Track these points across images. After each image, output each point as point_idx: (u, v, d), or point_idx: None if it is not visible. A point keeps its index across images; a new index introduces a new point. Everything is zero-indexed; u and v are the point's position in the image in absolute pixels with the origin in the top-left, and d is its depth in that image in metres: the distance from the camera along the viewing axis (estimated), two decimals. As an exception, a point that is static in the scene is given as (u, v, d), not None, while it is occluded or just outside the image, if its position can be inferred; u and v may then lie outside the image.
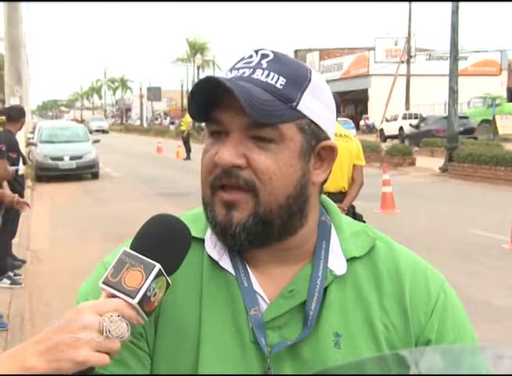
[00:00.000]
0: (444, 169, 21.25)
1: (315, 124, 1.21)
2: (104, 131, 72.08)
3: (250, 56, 1.22)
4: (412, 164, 24.32)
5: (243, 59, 1.23)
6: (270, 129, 1.16)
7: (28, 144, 22.27)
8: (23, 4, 21.74)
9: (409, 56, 46.08)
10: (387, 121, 43.09)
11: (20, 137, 15.94)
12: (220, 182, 1.18)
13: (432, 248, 9.91)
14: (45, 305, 7.54)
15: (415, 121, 39.66)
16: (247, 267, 1.24)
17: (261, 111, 1.13)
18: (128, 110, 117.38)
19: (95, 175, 22.06)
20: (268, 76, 1.18)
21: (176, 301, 1.19)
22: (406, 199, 15.09)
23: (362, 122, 54.73)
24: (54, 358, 1.01)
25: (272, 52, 1.22)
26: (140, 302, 1.06)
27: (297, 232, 1.23)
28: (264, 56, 1.21)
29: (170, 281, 1.10)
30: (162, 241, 1.12)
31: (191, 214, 1.28)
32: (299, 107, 1.18)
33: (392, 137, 40.02)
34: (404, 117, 41.06)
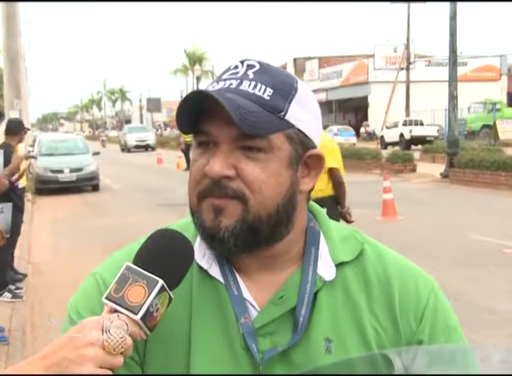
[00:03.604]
0: (445, 175, 21.25)
1: (303, 133, 1.22)
2: (148, 147, 50.87)
3: (236, 67, 1.23)
4: (413, 170, 24.33)
5: (229, 69, 1.24)
6: (259, 139, 1.18)
7: (28, 157, 22.26)
8: (22, 16, 21.76)
9: (409, 63, 46.21)
10: (387, 128, 43.12)
11: (20, 150, 16.03)
12: (209, 192, 1.20)
13: (434, 255, 9.93)
14: (46, 318, 7.54)
15: (416, 128, 39.78)
16: (236, 275, 1.25)
17: (250, 123, 1.15)
18: (128, 121, 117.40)
19: (95, 188, 22.05)
20: (255, 87, 1.19)
21: (166, 311, 1.19)
22: (408, 206, 15.09)
23: (362, 129, 54.75)
24: (58, 374, 1.02)
25: (258, 62, 1.23)
26: (143, 318, 1.07)
27: (283, 238, 1.24)
28: (250, 66, 1.22)
29: (172, 296, 1.11)
30: (165, 256, 1.13)
31: (179, 223, 1.29)
32: (287, 117, 1.20)
33: (393, 144, 40.03)
34: (404, 124, 41.08)
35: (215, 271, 1.25)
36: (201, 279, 1.24)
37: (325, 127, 43.75)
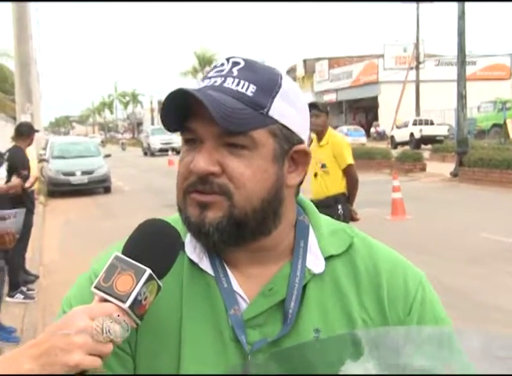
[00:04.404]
0: (454, 174, 21.19)
1: (288, 129, 1.23)
2: (174, 150, 43.98)
3: (222, 64, 1.24)
4: (423, 169, 24.27)
5: (215, 67, 1.25)
6: (242, 136, 1.19)
7: (40, 160, 22.41)
8: (32, 18, 21.85)
9: (418, 62, 46.07)
10: (397, 127, 43.01)
11: (31, 152, 16.10)
12: (194, 188, 1.21)
13: (443, 254, 9.92)
14: (57, 318, 7.58)
15: (426, 127, 39.67)
16: (227, 268, 1.26)
17: (231, 120, 1.16)
18: (140, 124, 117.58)
19: (107, 190, 22.10)
20: (238, 84, 1.20)
21: (157, 303, 1.20)
22: (417, 205, 15.06)
23: (372, 129, 54.59)
24: (48, 362, 1.03)
25: (243, 59, 1.24)
26: (131, 306, 1.07)
27: (271, 233, 1.25)
28: (235, 63, 1.23)
29: (161, 284, 1.12)
30: (153, 245, 1.14)
31: (171, 219, 1.30)
32: (270, 113, 1.20)
33: (403, 143, 39.92)
34: (414, 124, 40.98)
35: (206, 264, 1.26)
36: (192, 272, 1.26)
37: (335, 127, 43.80)
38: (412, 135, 40.24)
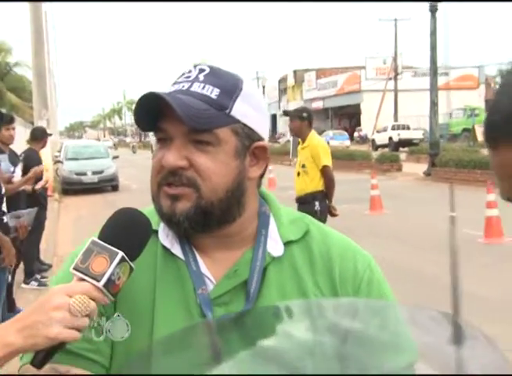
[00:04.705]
0: (427, 173, 21.25)
1: (249, 127, 1.25)
2: None
3: (190, 71, 1.26)
4: (400, 169, 24.34)
5: (183, 74, 1.27)
6: (207, 134, 1.20)
7: (56, 162, 22.42)
8: (50, 34, 21.87)
9: (396, 74, 46.21)
10: (377, 132, 43.09)
11: (47, 155, 16.09)
12: (166, 181, 1.23)
13: (417, 244, 9.94)
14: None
15: (403, 132, 39.77)
16: (196, 253, 1.27)
17: (196, 119, 1.18)
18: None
19: (115, 188, 22.07)
20: (203, 88, 1.22)
21: (133, 284, 1.22)
22: (393, 201, 15.08)
23: (356, 134, 54.63)
24: (30, 334, 1.05)
25: (209, 66, 1.26)
26: (106, 285, 1.08)
27: (235, 220, 1.27)
28: (201, 70, 1.25)
29: (133, 266, 1.13)
30: (125, 231, 1.15)
31: (148, 210, 1.31)
32: (232, 113, 1.22)
33: (383, 146, 40.01)
34: (393, 128, 41.10)
35: (177, 249, 1.27)
36: (165, 256, 1.27)
37: (322, 132, 43.84)
38: (390, 138, 40.33)
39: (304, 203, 6.66)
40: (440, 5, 21.74)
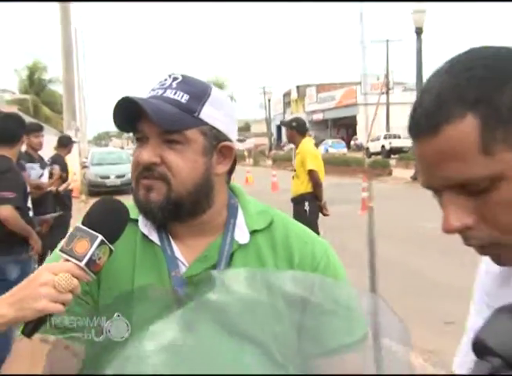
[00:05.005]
0: (414, 178, 21.17)
1: (216, 129, 1.28)
2: None
3: (165, 80, 1.29)
4: (390, 174, 24.29)
5: (160, 82, 1.30)
6: (177, 134, 1.24)
7: (83, 167, 22.58)
8: (80, 51, 21.96)
9: (388, 89, 46.15)
10: (371, 141, 43.04)
11: (75, 160, 16.17)
12: (142, 175, 1.27)
13: (403, 239, 9.99)
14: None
15: (394, 140, 39.72)
16: (171, 239, 1.30)
17: (167, 121, 1.21)
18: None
19: (135, 190, 22.17)
20: (175, 94, 1.25)
21: (115, 267, 1.25)
22: (383, 202, 15.01)
23: (352, 142, 54.57)
24: (20, 308, 1.08)
25: (182, 75, 1.29)
26: (87, 264, 1.11)
27: (205, 211, 1.30)
28: (175, 78, 1.28)
29: (113, 248, 1.15)
30: (105, 218, 1.18)
31: (131, 204, 1.34)
32: (200, 116, 1.25)
33: (376, 154, 39.98)
34: (385, 137, 41.12)
35: (154, 236, 1.30)
36: (143, 242, 1.30)
37: (321, 140, 43.84)
38: (383, 146, 40.35)
39: (297, 203, 6.79)
40: (426, 26, 21.74)
